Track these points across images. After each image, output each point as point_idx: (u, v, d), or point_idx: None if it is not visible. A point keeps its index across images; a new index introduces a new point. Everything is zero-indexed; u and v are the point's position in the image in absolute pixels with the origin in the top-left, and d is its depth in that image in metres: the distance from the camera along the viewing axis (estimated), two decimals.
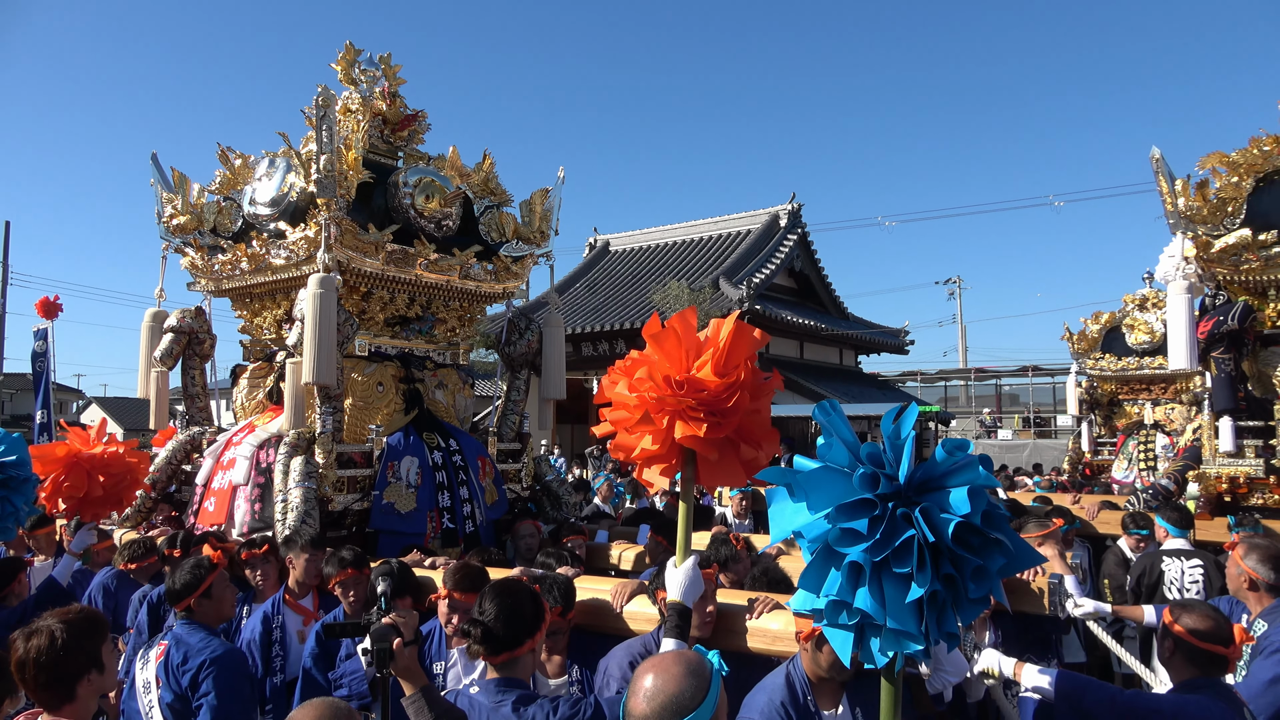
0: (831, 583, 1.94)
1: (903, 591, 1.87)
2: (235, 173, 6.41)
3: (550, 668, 3.56)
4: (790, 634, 3.10)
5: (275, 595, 4.47)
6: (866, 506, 1.92)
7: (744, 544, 4.66)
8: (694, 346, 2.96)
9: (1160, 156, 5.96)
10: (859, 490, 1.93)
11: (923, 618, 1.89)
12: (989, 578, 1.92)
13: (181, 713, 3.34)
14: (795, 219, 28.19)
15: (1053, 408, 34.53)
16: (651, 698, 1.78)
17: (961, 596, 1.91)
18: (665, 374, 2.89)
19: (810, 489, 1.96)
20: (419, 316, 6.34)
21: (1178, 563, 5.59)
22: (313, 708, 1.87)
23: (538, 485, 6.72)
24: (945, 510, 1.88)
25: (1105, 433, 12.30)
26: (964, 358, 43.68)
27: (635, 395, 2.95)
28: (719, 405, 2.86)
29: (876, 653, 1.95)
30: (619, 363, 3.13)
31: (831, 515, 1.93)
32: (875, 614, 1.87)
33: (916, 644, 1.90)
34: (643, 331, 3.02)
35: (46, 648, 2.52)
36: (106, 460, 5.13)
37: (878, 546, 1.87)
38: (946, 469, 1.95)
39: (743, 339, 2.99)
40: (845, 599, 1.92)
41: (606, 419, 3.13)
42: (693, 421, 2.86)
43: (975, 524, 1.88)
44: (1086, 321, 12.29)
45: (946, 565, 1.88)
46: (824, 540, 1.94)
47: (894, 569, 1.88)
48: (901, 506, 1.92)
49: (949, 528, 1.86)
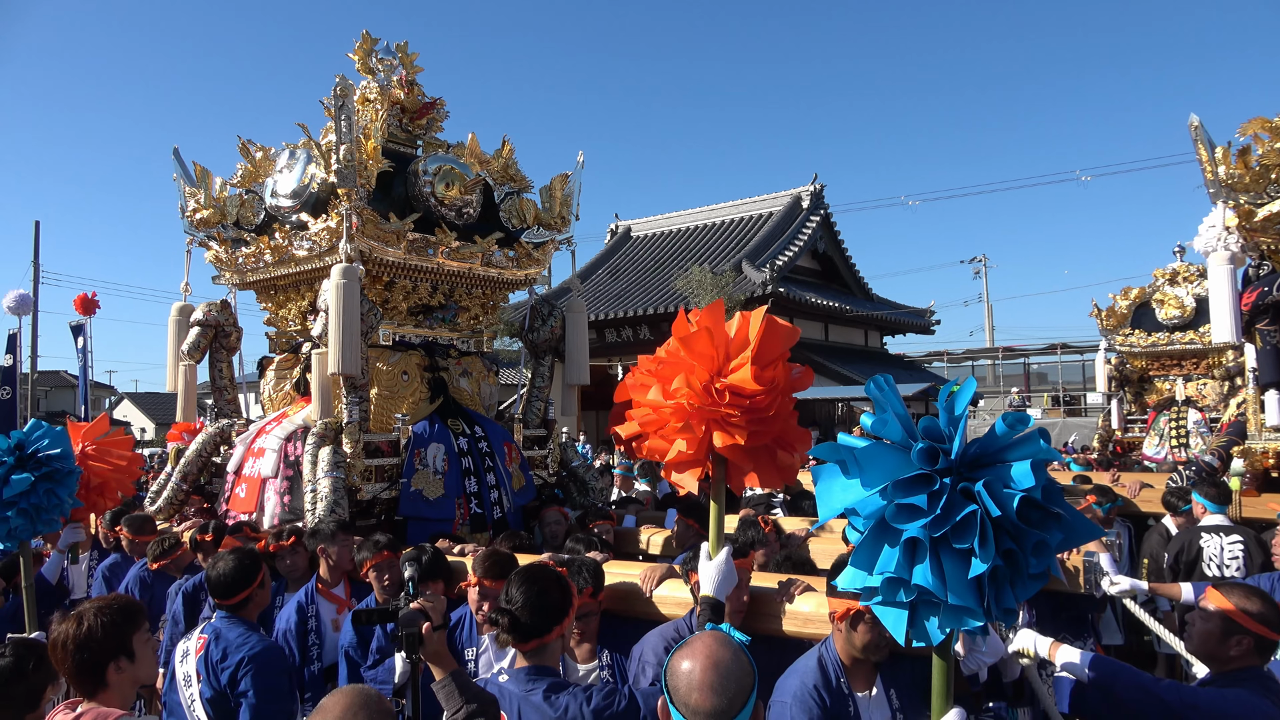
0: (887, 559, 1.91)
1: (962, 567, 1.85)
2: (256, 165, 6.43)
3: (580, 653, 3.54)
4: (822, 615, 3.07)
5: (308, 585, 4.50)
6: (924, 482, 1.90)
7: (773, 527, 4.63)
8: (724, 344, 2.92)
9: (1199, 124, 5.79)
10: (918, 465, 1.91)
11: (983, 593, 1.87)
12: (1049, 552, 1.90)
13: (222, 708, 3.35)
14: (818, 200, 27.97)
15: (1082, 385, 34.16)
16: (722, 689, 1.77)
17: (1022, 572, 1.89)
18: (703, 381, 2.85)
19: (865, 465, 1.93)
20: (442, 305, 6.34)
21: (1217, 539, 5.50)
22: (343, 695, 1.87)
23: (564, 471, 6.73)
24: (1008, 484, 1.86)
25: (1136, 410, 12.13)
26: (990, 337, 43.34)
27: (671, 403, 2.91)
28: (761, 413, 2.83)
29: (934, 630, 1.93)
30: (644, 361, 3.09)
31: (887, 491, 1.91)
32: (936, 590, 1.85)
33: (977, 620, 1.88)
34: (673, 331, 2.98)
35: (74, 632, 2.57)
36: (88, 456, 4.90)
37: (937, 522, 1.85)
38: (1006, 442, 1.93)
39: (775, 335, 2.94)
40: (902, 575, 1.89)
41: (634, 419, 3.10)
42: (734, 430, 2.83)
43: (1037, 498, 1.86)
44: (1115, 297, 12.11)
45: (1007, 540, 1.86)
46: (879, 516, 1.91)
47: (954, 544, 1.85)
48: (963, 481, 1.90)
49: (1013, 502, 1.84)
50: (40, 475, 3.97)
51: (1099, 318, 12.15)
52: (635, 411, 3.12)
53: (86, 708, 2.53)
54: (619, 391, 3.21)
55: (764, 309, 3.04)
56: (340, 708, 1.82)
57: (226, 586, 3.54)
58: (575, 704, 2.64)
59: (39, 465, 3.99)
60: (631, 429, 3.12)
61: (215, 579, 3.56)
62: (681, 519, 5.24)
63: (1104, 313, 12.10)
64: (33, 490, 3.94)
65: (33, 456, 3.99)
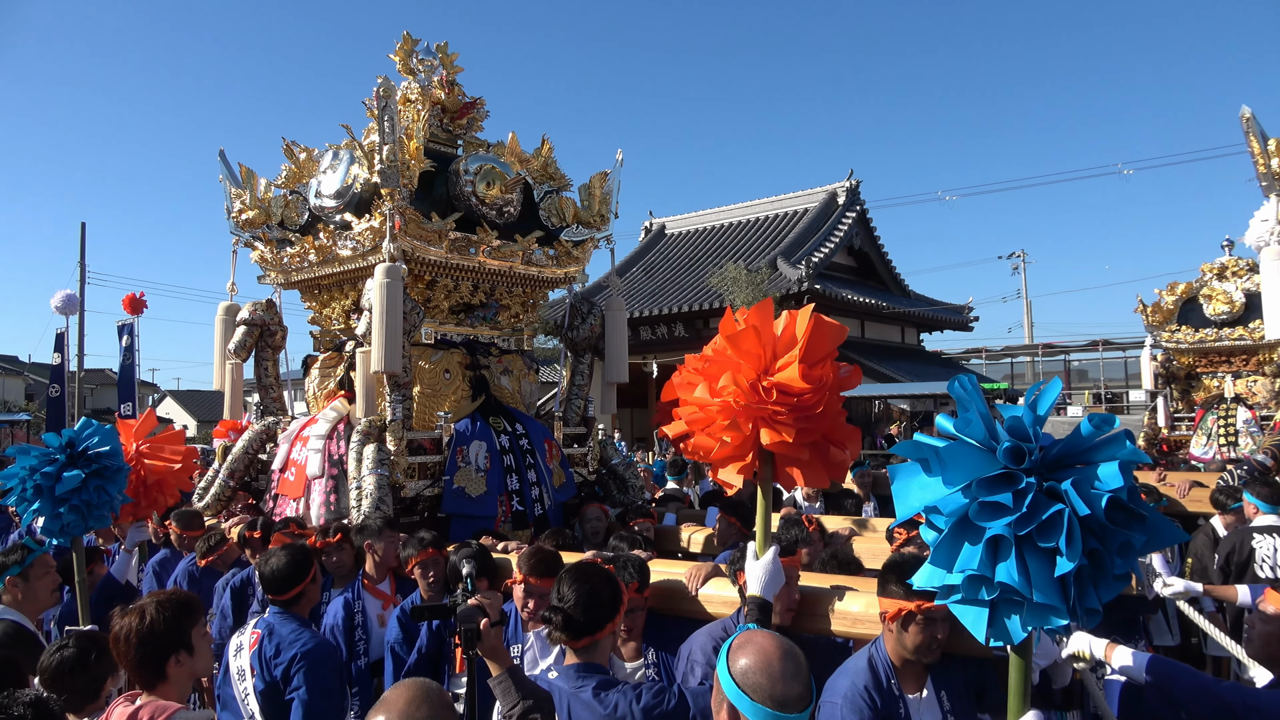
0: (968, 557, 1.93)
1: (1047, 566, 1.87)
2: (300, 166, 6.51)
3: (626, 651, 3.55)
4: (871, 616, 3.04)
5: (354, 581, 4.56)
6: (1009, 480, 1.92)
7: (816, 526, 4.60)
8: (772, 342, 2.91)
9: (1251, 116, 5.67)
10: (1003, 464, 1.93)
11: (1068, 593, 1.89)
12: (1134, 554, 1.92)
13: (274, 702, 3.42)
14: (854, 196, 27.76)
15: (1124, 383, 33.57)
16: (801, 675, 1.84)
17: (1106, 572, 1.91)
18: (750, 379, 2.85)
19: (948, 463, 1.95)
20: (483, 303, 6.39)
21: (1269, 539, 5.38)
22: (405, 687, 1.90)
23: (604, 469, 6.74)
24: (1095, 484, 1.88)
25: (1183, 407, 11.87)
26: (1029, 333, 42.64)
27: (718, 400, 2.91)
28: (808, 410, 2.82)
29: (1016, 628, 1.94)
30: (691, 360, 3.09)
31: (971, 489, 1.93)
32: (1020, 587, 1.87)
33: (1061, 619, 1.90)
34: (720, 330, 2.97)
35: (137, 625, 2.61)
36: (142, 456, 5.13)
37: (1023, 520, 1.87)
38: (1092, 443, 1.95)
39: (823, 333, 2.92)
40: (984, 573, 1.91)
41: (680, 418, 3.10)
42: (781, 427, 2.82)
43: (1123, 499, 1.88)
44: (1161, 293, 11.85)
45: (1093, 540, 1.88)
46: (961, 514, 1.94)
47: (1039, 543, 1.87)
48: (1045, 480, 1.92)
49: (1101, 501, 1.85)
50: (91, 472, 4.08)
51: (1144, 313, 11.91)
52: (682, 410, 3.12)
53: (145, 700, 2.57)
54: (665, 390, 3.22)
55: (811, 307, 3.03)
56: (404, 700, 1.85)
57: (280, 582, 3.60)
58: (625, 701, 2.65)
59: (89, 462, 4.10)
60: (679, 428, 3.12)
61: (268, 575, 3.63)
62: (723, 517, 5.23)
63: (1149, 308, 11.87)
64: (83, 487, 4.05)
65: (83, 454, 4.10)
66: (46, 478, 4.00)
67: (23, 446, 4.19)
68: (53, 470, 4.01)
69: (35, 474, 4.00)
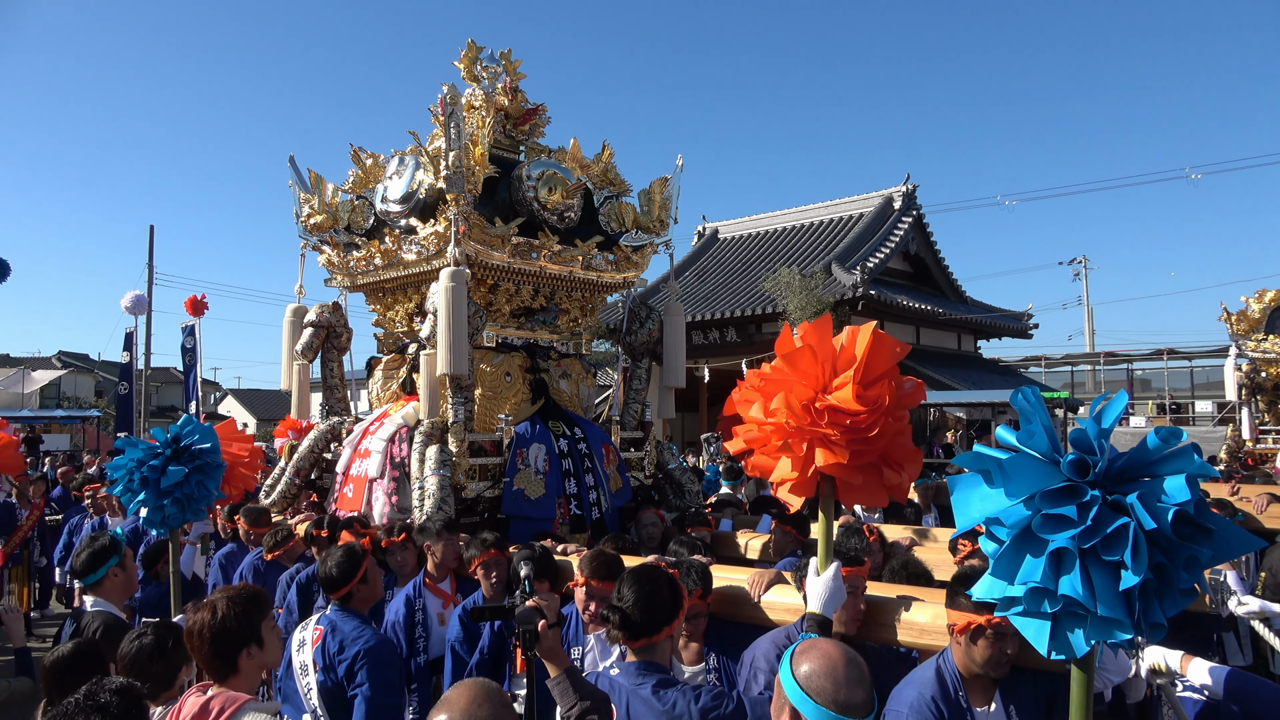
0: (1031, 569, 1.91)
1: (1112, 580, 1.85)
2: (367, 172, 6.65)
3: (687, 655, 3.56)
4: (939, 627, 3.01)
5: (416, 579, 4.64)
6: (1073, 493, 1.89)
7: (877, 536, 4.56)
8: (830, 360, 2.88)
9: None
10: (1067, 476, 1.91)
11: (1133, 607, 1.86)
12: (1200, 568, 1.88)
13: (336, 697, 3.52)
14: (910, 201, 27.38)
15: (1190, 393, 32.56)
16: (865, 681, 1.87)
17: (1172, 587, 1.88)
18: (804, 401, 2.83)
19: (1011, 475, 1.94)
20: (543, 307, 6.45)
21: None
22: (466, 687, 1.93)
23: (660, 474, 6.75)
24: (1161, 497, 1.85)
25: (1270, 419, 11.44)
26: (1090, 341, 41.61)
27: (771, 421, 2.90)
28: (863, 433, 2.80)
29: (1079, 642, 1.92)
30: (751, 376, 3.08)
31: (1034, 501, 1.91)
32: (1085, 601, 1.85)
33: (1126, 633, 1.87)
34: (775, 349, 2.96)
35: (209, 620, 2.70)
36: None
37: (1087, 533, 1.85)
38: (1159, 456, 1.91)
39: (881, 351, 2.89)
40: (1048, 586, 1.89)
41: (739, 436, 3.10)
42: (835, 449, 2.81)
43: (1189, 513, 1.84)
44: (1248, 300, 11.44)
45: (1158, 554, 1.85)
46: (1023, 527, 1.92)
47: (1103, 556, 1.85)
48: (1110, 493, 1.89)
49: (1168, 515, 1.82)
50: (193, 468, 4.24)
51: (1228, 322, 11.52)
52: (741, 428, 3.11)
53: (216, 691, 2.65)
54: (726, 405, 3.22)
55: (873, 324, 3.00)
56: (465, 699, 1.87)
57: (332, 581, 3.76)
58: (684, 701, 2.65)
59: (192, 458, 4.26)
60: (739, 445, 3.12)
61: (324, 575, 3.80)
62: (778, 526, 5.21)
63: (1234, 316, 11.48)
64: (185, 481, 4.21)
65: (186, 450, 4.26)
66: (153, 470, 4.16)
67: (130, 439, 4.38)
68: (159, 464, 4.18)
69: (143, 466, 4.17)
